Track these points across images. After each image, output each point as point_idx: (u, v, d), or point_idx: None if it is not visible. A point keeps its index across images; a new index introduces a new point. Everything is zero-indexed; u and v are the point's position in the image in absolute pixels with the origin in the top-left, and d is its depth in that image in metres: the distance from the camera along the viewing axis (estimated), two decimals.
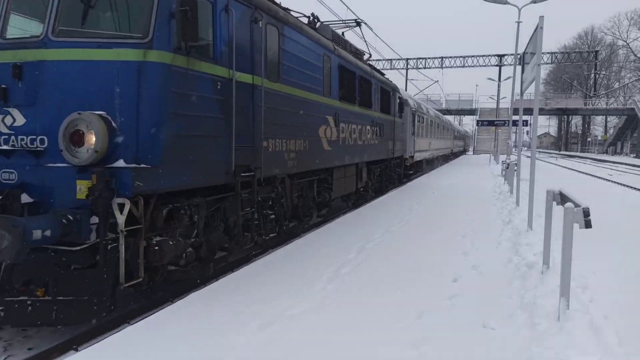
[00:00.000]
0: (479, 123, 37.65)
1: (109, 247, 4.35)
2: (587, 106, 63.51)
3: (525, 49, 9.74)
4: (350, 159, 10.80)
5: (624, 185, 19.11)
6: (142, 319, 4.80)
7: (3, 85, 4.52)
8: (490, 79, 48.71)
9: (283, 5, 7.73)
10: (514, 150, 24.70)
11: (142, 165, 4.49)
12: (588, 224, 3.99)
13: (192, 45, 4.89)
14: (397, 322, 4.25)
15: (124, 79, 4.50)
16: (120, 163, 4.42)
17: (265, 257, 6.85)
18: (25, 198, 4.42)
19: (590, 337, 3.62)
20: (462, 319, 4.31)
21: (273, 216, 7.51)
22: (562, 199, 4.92)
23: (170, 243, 4.92)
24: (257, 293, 5.09)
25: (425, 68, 64.47)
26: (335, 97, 9.62)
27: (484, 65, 63.63)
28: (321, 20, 10.23)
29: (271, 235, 7.48)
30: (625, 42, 70.27)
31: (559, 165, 34.80)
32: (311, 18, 9.54)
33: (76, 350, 4.36)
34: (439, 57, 63.67)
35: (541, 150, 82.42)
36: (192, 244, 5.48)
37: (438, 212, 10.95)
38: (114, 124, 4.43)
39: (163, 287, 5.60)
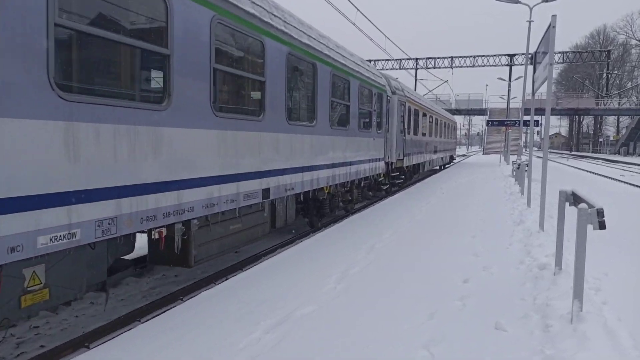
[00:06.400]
0: (489, 123, 37.36)
1: None
2: (599, 106, 62.72)
3: (537, 48, 9.65)
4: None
5: (636, 186, 18.88)
6: (153, 317, 4.83)
7: None
8: (500, 78, 48.28)
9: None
10: (524, 150, 24.50)
11: None
12: (602, 225, 3.93)
13: None
14: (408, 322, 4.22)
15: None
16: None
17: (275, 256, 6.86)
18: None
19: (604, 339, 3.58)
20: (473, 320, 4.27)
21: None
22: (575, 199, 4.85)
23: None
24: (266, 292, 5.09)
25: (434, 68, 64.26)
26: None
27: (494, 65, 63.28)
28: None
29: None
30: (639, 41, 69.51)
31: (570, 166, 34.46)
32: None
33: (88, 347, 4.39)
34: (449, 57, 63.40)
35: (552, 150, 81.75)
36: None
37: (448, 211, 10.89)
38: None
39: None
